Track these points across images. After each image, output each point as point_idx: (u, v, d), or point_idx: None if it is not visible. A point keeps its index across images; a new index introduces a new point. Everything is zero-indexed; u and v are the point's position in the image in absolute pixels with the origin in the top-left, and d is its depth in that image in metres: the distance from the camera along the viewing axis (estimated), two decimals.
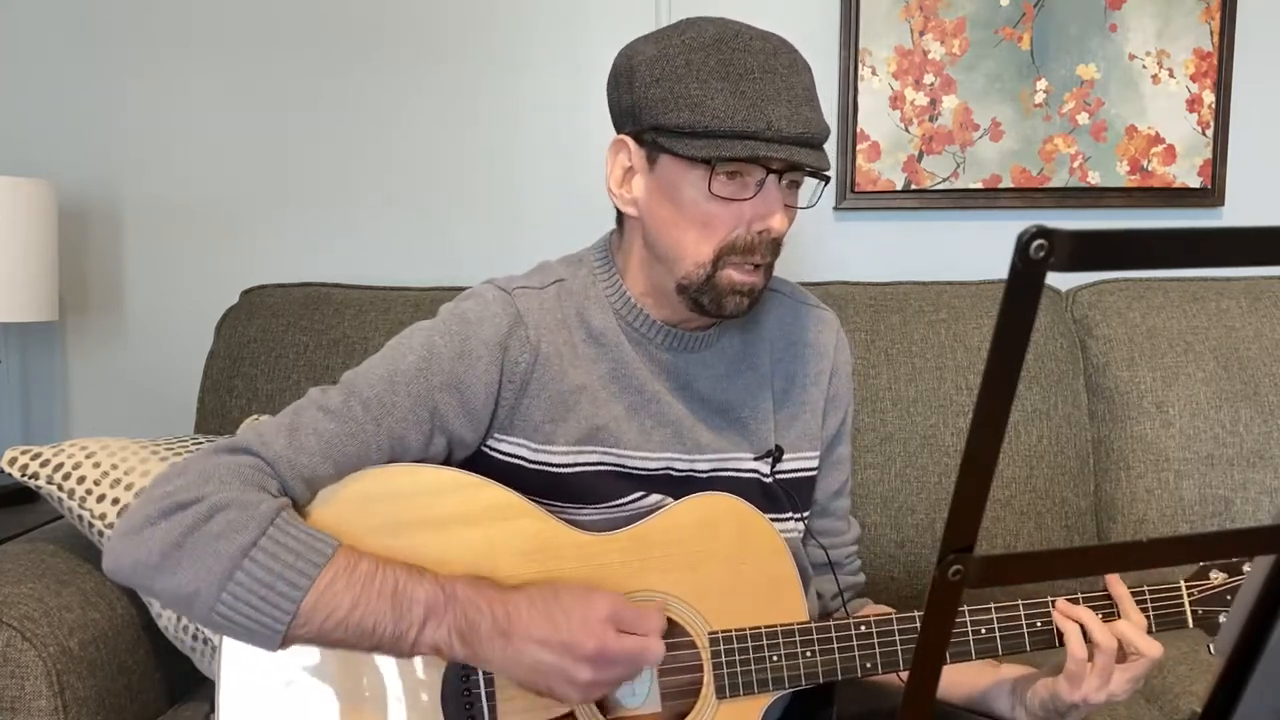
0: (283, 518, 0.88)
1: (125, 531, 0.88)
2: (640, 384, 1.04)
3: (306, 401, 0.97)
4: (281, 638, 0.87)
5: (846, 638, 0.98)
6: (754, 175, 0.96)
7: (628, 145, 1.01)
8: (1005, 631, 0.99)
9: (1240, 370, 1.64)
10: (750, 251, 0.98)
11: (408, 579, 0.89)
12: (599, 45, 1.88)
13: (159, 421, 1.83)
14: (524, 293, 1.03)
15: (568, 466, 1.02)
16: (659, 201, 0.99)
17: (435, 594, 0.89)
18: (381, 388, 0.96)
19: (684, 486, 1.05)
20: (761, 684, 0.97)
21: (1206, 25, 1.85)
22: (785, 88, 0.94)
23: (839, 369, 1.16)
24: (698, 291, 0.99)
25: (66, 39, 1.91)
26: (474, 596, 0.90)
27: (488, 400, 1.00)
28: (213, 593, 0.85)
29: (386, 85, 1.90)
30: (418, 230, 1.93)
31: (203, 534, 0.86)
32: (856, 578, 1.20)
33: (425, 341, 0.99)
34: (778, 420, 1.11)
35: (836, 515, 1.19)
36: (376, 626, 0.87)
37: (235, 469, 0.90)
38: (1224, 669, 0.45)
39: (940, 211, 1.91)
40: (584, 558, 0.98)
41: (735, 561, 0.99)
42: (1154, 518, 1.61)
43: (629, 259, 1.06)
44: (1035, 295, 0.37)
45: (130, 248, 1.94)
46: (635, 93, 0.98)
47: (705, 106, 0.93)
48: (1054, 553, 0.45)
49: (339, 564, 0.88)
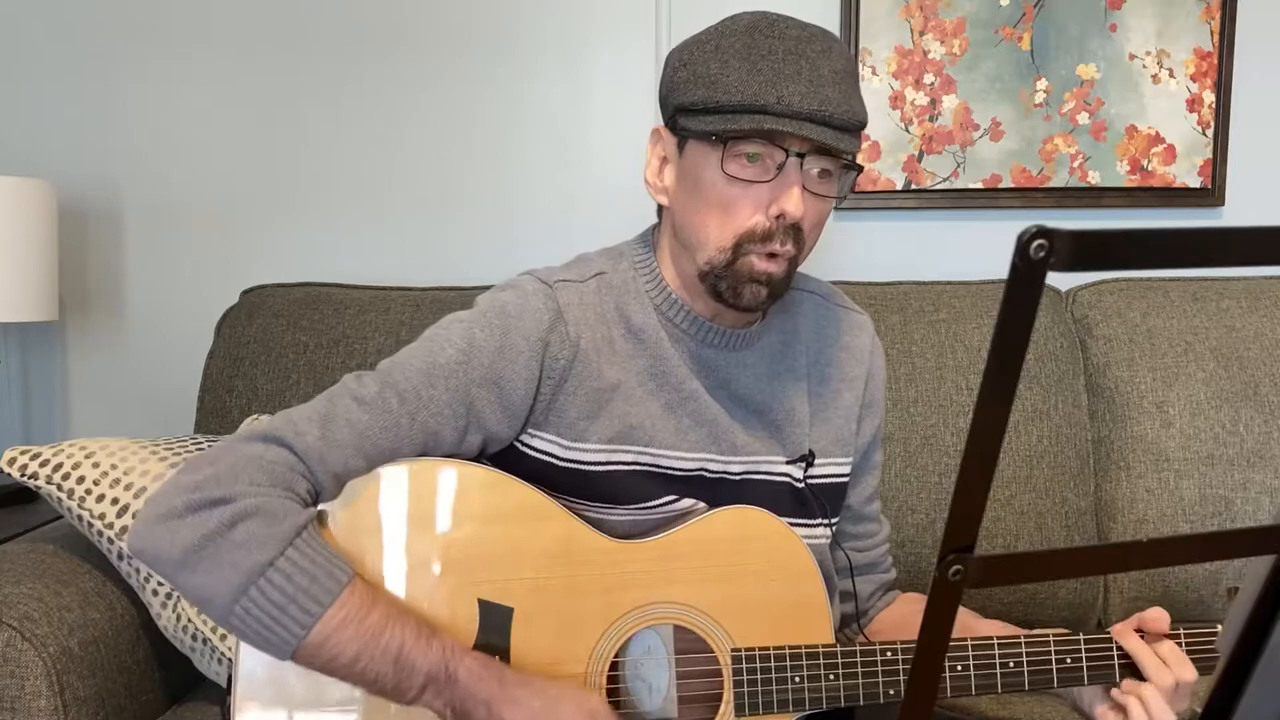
0: (303, 538, 0.87)
1: (153, 517, 0.87)
2: (678, 381, 1.02)
3: (341, 389, 0.95)
4: (292, 653, 0.87)
5: (871, 663, 0.96)
6: (774, 158, 0.93)
7: (663, 135, 1.01)
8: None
9: (1240, 370, 1.64)
10: (769, 238, 0.95)
11: (414, 643, 0.88)
12: (599, 47, 1.88)
13: (159, 421, 1.83)
14: (565, 286, 1.01)
15: (600, 465, 1.00)
16: (684, 187, 0.99)
17: (438, 669, 0.88)
18: (419, 380, 0.95)
19: (716, 489, 1.04)
20: (782, 705, 0.96)
21: (1206, 25, 1.85)
22: (809, 68, 0.92)
23: (875, 374, 1.14)
24: (717, 278, 0.97)
25: (67, 39, 1.91)
26: (474, 687, 0.89)
27: (526, 396, 0.98)
28: (227, 603, 0.85)
29: (387, 86, 1.90)
30: (418, 230, 1.93)
31: (225, 541, 0.86)
32: (889, 575, 1.20)
33: (465, 334, 0.97)
34: (812, 424, 1.09)
35: (871, 518, 1.18)
36: (378, 680, 0.88)
37: (267, 465, 0.89)
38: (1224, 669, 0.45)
39: (940, 211, 1.91)
40: (610, 564, 0.96)
41: (764, 579, 0.98)
42: (1154, 518, 1.61)
43: (665, 251, 1.05)
44: (1035, 295, 0.37)
45: (130, 248, 1.94)
46: (665, 80, 0.99)
47: (719, 83, 0.92)
48: (1054, 553, 0.45)
49: (351, 605, 0.87)
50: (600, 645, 0.96)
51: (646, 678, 0.99)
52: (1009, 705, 1.35)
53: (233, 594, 0.85)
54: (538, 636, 0.95)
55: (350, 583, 0.88)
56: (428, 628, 0.90)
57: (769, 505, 1.01)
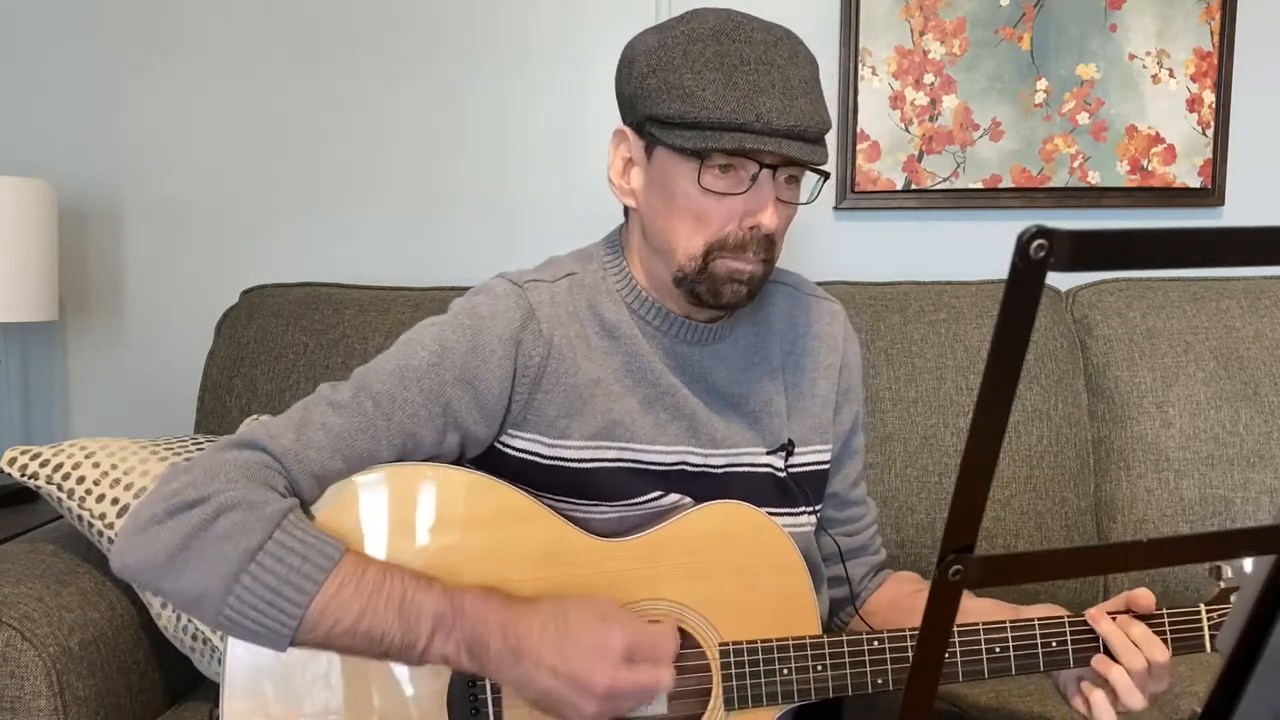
0: (289, 520, 0.87)
1: (132, 530, 0.87)
2: (655, 377, 1.03)
3: (316, 397, 0.96)
4: (289, 640, 0.86)
5: (858, 653, 0.97)
6: (747, 170, 0.95)
7: (628, 136, 1.01)
8: (1019, 651, 0.97)
9: (1240, 370, 1.64)
10: (741, 249, 0.97)
11: (415, 588, 0.88)
12: (598, 43, 1.88)
13: (159, 421, 1.83)
14: (535, 286, 1.02)
15: (583, 462, 1.01)
16: (654, 193, 0.99)
17: (443, 605, 0.87)
18: (392, 383, 0.96)
19: (699, 482, 1.04)
20: (771, 697, 0.97)
21: (1206, 25, 1.85)
22: (781, 79, 0.93)
23: (849, 361, 1.15)
24: (693, 283, 0.99)
25: (67, 39, 1.91)
26: (483, 611, 0.88)
27: (501, 396, 0.99)
28: (219, 595, 0.84)
29: (386, 85, 1.90)
30: (418, 230, 1.93)
31: (209, 535, 0.85)
32: (878, 556, 1.21)
33: (437, 336, 0.98)
34: (789, 413, 1.10)
35: (857, 502, 1.19)
36: (385, 635, 0.86)
37: (243, 466, 0.89)
38: (1224, 669, 0.45)
39: (940, 211, 1.91)
40: (596, 563, 0.97)
41: (749, 573, 0.98)
42: (1154, 518, 1.61)
43: (633, 251, 1.05)
44: (1035, 295, 0.37)
45: (130, 248, 1.94)
46: (633, 83, 0.97)
47: (696, 97, 0.92)
48: (1054, 553, 0.45)
49: (345, 569, 0.87)
50: None
51: None
52: (1004, 698, 1.35)
53: (225, 585, 0.84)
54: None
55: (343, 555, 0.87)
56: (425, 576, 0.90)
57: (752, 496, 1.02)
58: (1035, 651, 0.97)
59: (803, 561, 1.00)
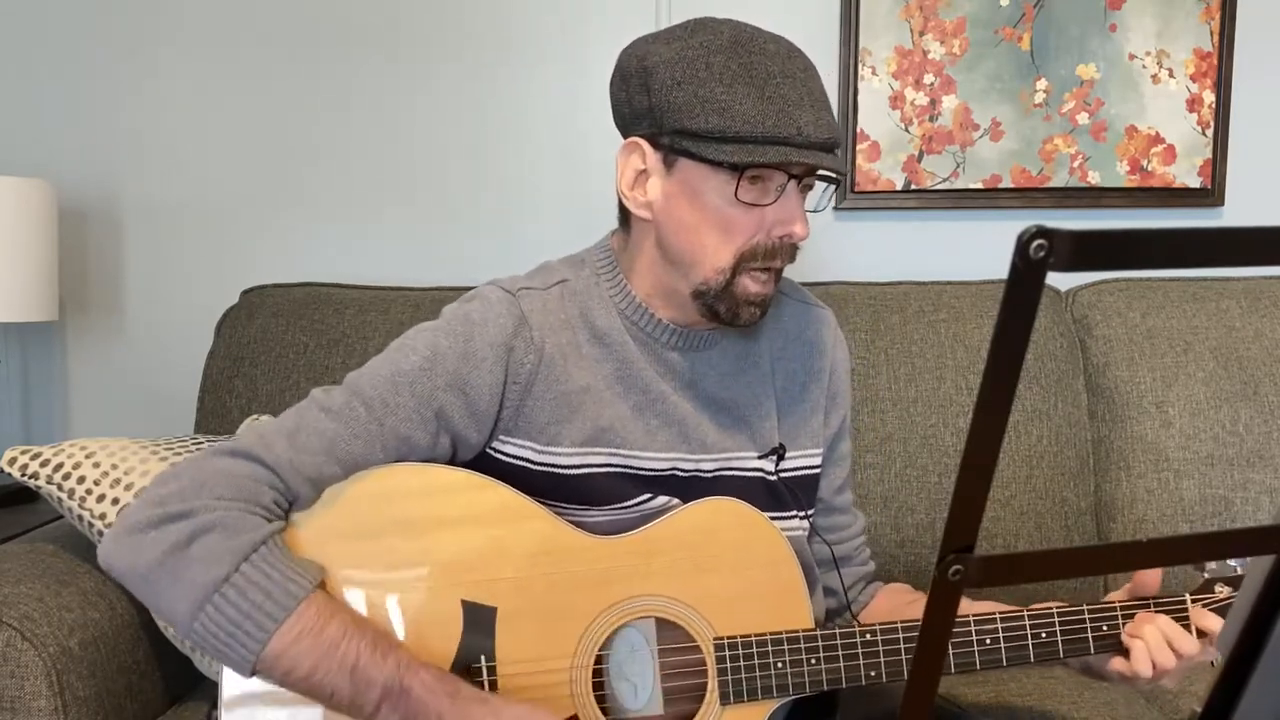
0: (259, 553, 0.88)
1: (120, 532, 0.89)
2: (646, 384, 1.04)
3: (308, 403, 0.97)
4: (250, 671, 0.88)
5: (851, 645, 0.98)
6: (776, 180, 0.95)
7: (641, 148, 0.99)
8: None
9: (1240, 370, 1.64)
10: (771, 256, 0.98)
11: (370, 657, 0.88)
12: (600, 45, 1.88)
13: (159, 421, 1.83)
14: (528, 293, 1.03)
15: (574, 468, 1.01)
16: (678, 205, 0.98)
17: (393, 682, 0.88)
18: (384, 388, 0.96)
19: (690, 487, 1.05)
20: (765, 690, 0.97)
21: (1206, 25, 1.85)
22: (807, 92, 0.94)
23: (838, 366, 1.16)
24: (715, 299, 0.99)
25: (66, 39, 1.91)
26: (427, 700, 0.88)
27: (492, 402, 0.99)
28: (185, 620, 0.87)
29: (386, 86, 1.90)
30: (418, 230, 1.93)
31: (184, 557, 0.87)
32: (867, 567, 1.21)
33: (429, 342, 0.99)
34: (780, 418, 1.11)
35: (842, 510, 1.19)
36: (336, 694, 0.88)
37: (232, 478, 0.90)
38: (1224, 669, 0.45)
39: (940, 211, 1.91)
40: (591, 561, 0.97)
41: (741, 567, 0.99)
42: (1154, 518, 1.61)
43: (636, 260, 1.05)
44: (1035, 295, 0.37)
45: (130, 248, 1.94)
46: (654, 96, 0.96)
47: (734, 111, 0.92)
48: (1053, 553, 0.45)
49: (308, 617, 0.87)
50: (584, 641, 0.97)
51: (631, 671, 0.99)
52: (1004, 698, 1.35)
53: (190, 610, 0.86)
54: (521, 635, 0.96)
55: (307, 597, 0.88)
56: (385, 642, 0.90)
57: (743, 500, 1.02)
58: (1025, 643, 0.98)
59: (794, 555, 1.01)
